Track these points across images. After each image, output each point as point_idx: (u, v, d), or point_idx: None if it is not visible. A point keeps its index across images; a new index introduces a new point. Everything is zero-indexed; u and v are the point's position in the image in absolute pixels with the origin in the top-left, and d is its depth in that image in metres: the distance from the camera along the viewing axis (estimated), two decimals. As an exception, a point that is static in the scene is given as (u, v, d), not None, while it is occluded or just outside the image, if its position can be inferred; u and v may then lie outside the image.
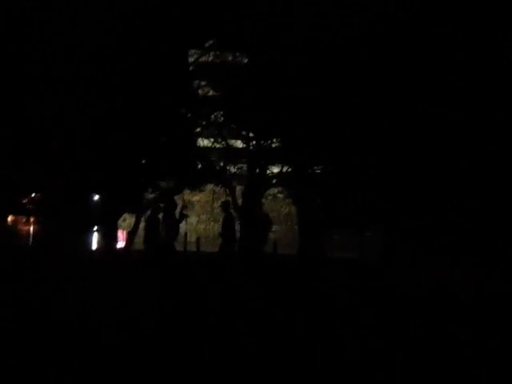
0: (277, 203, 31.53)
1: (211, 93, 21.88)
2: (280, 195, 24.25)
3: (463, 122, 16.98)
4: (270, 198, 25.15)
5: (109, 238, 19.69)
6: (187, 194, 24.70)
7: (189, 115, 21.10)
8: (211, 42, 21.72)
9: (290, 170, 21.50)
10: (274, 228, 30.70)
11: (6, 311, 9.19)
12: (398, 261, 17.49)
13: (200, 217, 32.45)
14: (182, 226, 30.59)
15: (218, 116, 21.94)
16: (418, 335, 7.93)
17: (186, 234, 22.38)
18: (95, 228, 24.92)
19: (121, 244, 20.99)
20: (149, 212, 17.06)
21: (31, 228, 22.35)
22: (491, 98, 16.73)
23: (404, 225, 17.93)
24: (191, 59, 21.34)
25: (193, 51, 21.36)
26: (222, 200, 18.36)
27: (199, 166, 20.72)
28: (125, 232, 21.61)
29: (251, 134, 21.90)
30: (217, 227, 34.32)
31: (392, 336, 7.95)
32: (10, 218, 21.42)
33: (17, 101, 17.70)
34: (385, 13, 17.58)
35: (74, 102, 17.90)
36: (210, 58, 22.08)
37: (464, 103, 16.86)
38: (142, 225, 21.92)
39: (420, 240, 17.50)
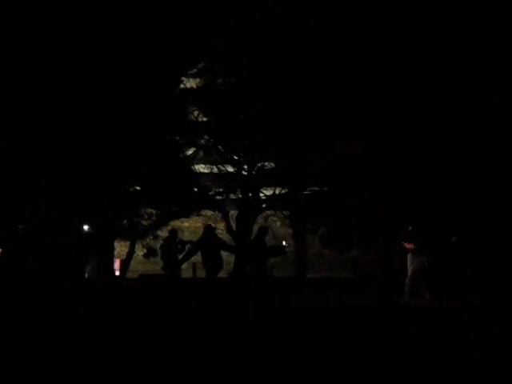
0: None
1: (200, 118, 21.72)
2: (274, 218, 24.06)
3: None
4: (260, 221, 24.96)
5: (104, 268, 19.31)
6: (177, 221, 24.40)
7: (179, 140, 20.91)
8: (200, 66, 21.63)
9: (283, 191, 21.34)
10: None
11: None
12: None
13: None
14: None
15: (208, 140, 21.77)
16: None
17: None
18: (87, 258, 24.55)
19: (117, 273, 20.61)
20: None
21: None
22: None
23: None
24: (181, 85, 21.19)
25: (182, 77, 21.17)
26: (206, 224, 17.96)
27: (192, 191, 20.47)
28: (118, 261, 21.23)
29: (242, 157, 21.74)
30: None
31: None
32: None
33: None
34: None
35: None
36: (198, 82, 21.95)
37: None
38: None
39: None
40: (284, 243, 21.89)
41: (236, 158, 21.54)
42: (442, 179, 17.14)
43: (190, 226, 33.23)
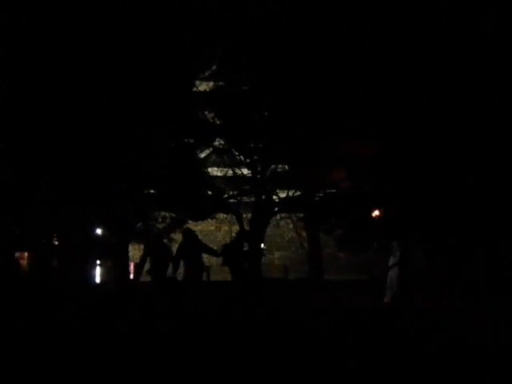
0: (279, 228, 31.36)
1: (213, 120, 21.71)
2: (288, 220, 24.02)
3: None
4: (273, 223, 24.93)
5: (118, 270, 19.32)
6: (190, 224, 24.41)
7: (192, 142, 20.92)
8: (213, 68, 21.63)
9: (297, 194, 21.28)
10: (279, 254, 30.67)
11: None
12: None
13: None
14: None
15: (221, 143, 21.78)
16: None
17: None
18: (98, 262, 24.59)
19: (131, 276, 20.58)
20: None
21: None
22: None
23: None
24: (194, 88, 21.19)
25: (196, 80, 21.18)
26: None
27: (206, 194, 20.45)
28: (132, 264, 21.22)
29: (255, 160, 21.71)
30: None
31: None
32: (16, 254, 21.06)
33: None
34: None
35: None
36: (211, 85, 21.96)
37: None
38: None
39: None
40: (262, 246, 21.94)
41: (249, 160, 21.53)
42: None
43: (203, 230, 33.29)
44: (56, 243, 20.37)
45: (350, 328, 11.15)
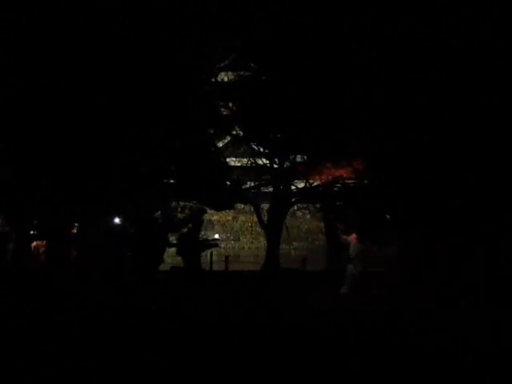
0: (296, 219, 31.45)
1: (228, 112, 21.75)
2: (305, 211, 24.03)
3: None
4: (289, 214, 24.94)
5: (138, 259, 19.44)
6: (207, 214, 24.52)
7: (212, 132, 21.00)
8: (231, 58, 21.65)
9: (315, 184, 21.28)
10: (296, 244, 30.74)
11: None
12: None
13: (220, 236, 32.30)
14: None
15: (239, 133, 21.84)
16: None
17: (211, 253, 22.14)
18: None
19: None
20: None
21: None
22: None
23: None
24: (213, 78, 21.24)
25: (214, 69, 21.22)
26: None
27: (225, 184, 20.52)
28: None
29: (273, 150, 21.73)
30: (237, 246, 34.34)
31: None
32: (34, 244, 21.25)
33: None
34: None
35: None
36: (230, 75, 22.00)
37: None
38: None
39: None
40: (217, 236, 22.08)
41: (268, 150, 21.56)
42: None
43: (220, 220, 33.53)
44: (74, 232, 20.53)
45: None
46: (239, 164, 22.27)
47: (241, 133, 21.76)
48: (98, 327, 10.62)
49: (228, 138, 22.72)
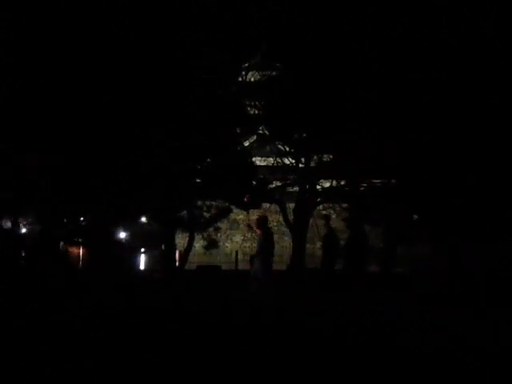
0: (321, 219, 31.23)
1: (254, 111, 21.78)
2: (331, 211, 23.93)
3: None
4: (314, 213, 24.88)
5: (164, 258, 19.59)
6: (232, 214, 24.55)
7: (239, 132, 21.06)
8: (257, 58, 21.70)
9: (342, 184, 21.25)
10: (318, 244, 30.55)
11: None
12: None
13: (245, 235, 32.37)
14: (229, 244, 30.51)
15: (265, 132, 21.87)
16: None
17: (236, 252, 22.19)
18: (143, 250, 24.95)
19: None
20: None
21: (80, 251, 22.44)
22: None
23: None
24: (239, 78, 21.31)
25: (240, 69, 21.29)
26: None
27: (251, 184, 20.56)
28: (177, 252, 21.47)
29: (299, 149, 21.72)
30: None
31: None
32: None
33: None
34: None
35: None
36: (256, 76, 22.03)
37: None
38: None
39: None
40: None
41: (293, 150, 21.55)
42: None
43: (245, 219, 33.48)
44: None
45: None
46: (265, 163, 22.26)
47: (266, 132, 21.81)
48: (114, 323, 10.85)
49: (254, 138, 22.73)
